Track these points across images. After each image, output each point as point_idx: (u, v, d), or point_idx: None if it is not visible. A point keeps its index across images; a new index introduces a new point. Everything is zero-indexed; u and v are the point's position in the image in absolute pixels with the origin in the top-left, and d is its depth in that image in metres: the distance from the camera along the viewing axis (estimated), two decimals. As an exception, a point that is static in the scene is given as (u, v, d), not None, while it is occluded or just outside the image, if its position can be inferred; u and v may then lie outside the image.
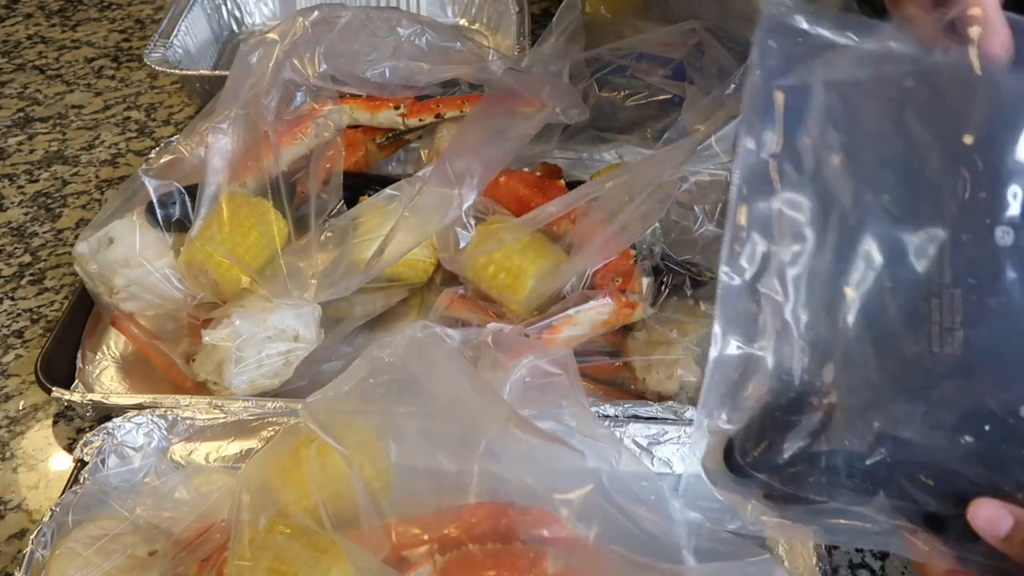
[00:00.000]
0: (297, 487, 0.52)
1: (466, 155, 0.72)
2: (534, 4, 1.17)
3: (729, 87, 0.73)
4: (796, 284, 0.43)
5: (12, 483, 0.67)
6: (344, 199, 0.75)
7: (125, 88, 1.13)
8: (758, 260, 0.43)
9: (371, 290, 0.75)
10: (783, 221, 0.43)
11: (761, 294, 0.43)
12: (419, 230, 0.71)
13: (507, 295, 0.72)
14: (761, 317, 0.43)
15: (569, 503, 0.50)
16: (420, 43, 0.85)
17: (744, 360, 0.43)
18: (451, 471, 0.51)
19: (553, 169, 0.82)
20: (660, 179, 0.68)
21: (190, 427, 0.66)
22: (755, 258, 0.43)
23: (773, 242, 0.43)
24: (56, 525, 0.57)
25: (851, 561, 0.61)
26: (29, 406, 0.73)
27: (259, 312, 0.69)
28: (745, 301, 0.43)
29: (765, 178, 0.43)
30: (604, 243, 0.68)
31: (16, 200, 0.95)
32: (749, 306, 0.43)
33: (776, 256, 0.43)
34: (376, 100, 0.84)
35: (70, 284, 0.84)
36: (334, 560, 0.48)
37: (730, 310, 0.43)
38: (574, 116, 0.82)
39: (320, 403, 0.53)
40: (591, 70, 0.92)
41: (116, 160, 1.01)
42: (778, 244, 0.43)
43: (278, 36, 0.80)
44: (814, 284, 0.43)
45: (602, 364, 0.70)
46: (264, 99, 0.77)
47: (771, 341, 0.43)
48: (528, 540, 0.49)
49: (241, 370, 0.68)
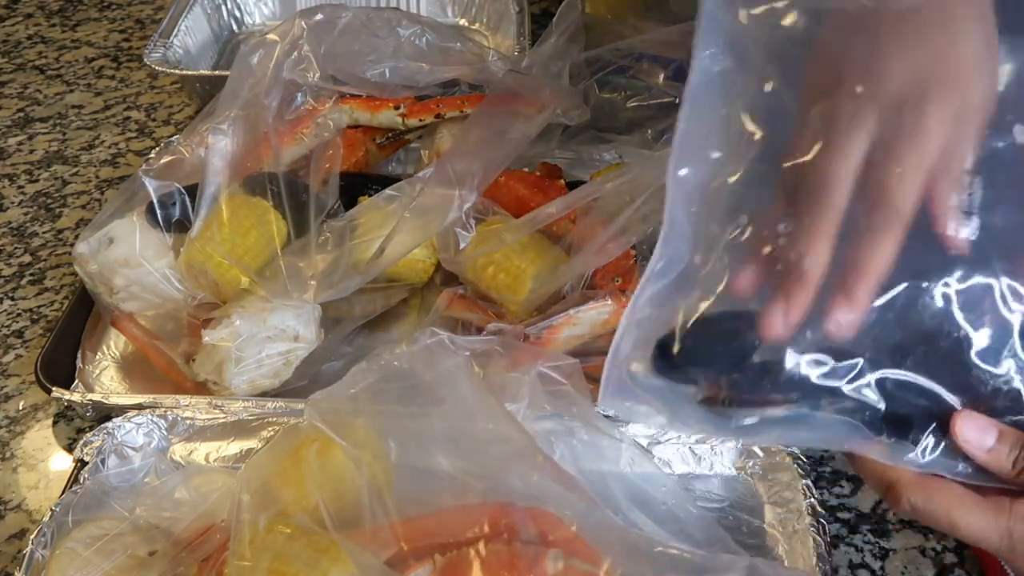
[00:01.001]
0: (297, 487, 0.52)
1: (467, 156, 0.72)
2: (534, 4, 1.17)
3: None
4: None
5: (12, 483, 0.67)
6: (344, 199, 0.75)
7: (125, 88, 1.13)
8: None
9: (371, 290, 0.75)
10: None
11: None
12: (419, 231, 0.71)
13: (507, 295, 0.72)
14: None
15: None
16: (420, 43, 0.85)
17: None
18: (451, 471, 0.51)
19: (553, 169, 0.82)
20: (661, 180, 0.67)
21: (190, 427, 0.66)
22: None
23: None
24: (56, 525, 0.57)
25: (851, 561, 0.61)
26: (29, 406, 0.73)
27: (259, 312, 0.69)
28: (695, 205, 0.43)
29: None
30: (604, 244, 0.68)
31: (16, 200, 0.95)
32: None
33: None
34: (376, 100, 0.84)
35: (70, 284, 0.84)
36: (334, 560, 0.48)
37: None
38: (575, 117, 0.82)
39: (325, 401, 0.53)
40: (591, 70, 0.92)
41: (116, 160, 1.01)
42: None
43: (278, 37, 0.80)
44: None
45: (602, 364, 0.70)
46: (264, 99, 0.77)
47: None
48: (528, 540, 0.49)
49: (241, 370, 0.68)
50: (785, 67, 0.44)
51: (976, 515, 0.42)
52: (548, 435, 0.58)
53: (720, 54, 0.43)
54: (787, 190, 0.44)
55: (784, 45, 0.44)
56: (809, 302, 0.42)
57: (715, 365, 0.44)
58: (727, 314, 0.44)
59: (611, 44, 0.92)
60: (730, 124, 0.44)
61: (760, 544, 0.60)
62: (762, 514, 0.62)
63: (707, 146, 0.44)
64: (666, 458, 0.65)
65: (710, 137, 0.44)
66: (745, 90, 0.44)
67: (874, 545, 0.62)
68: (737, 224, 0.44)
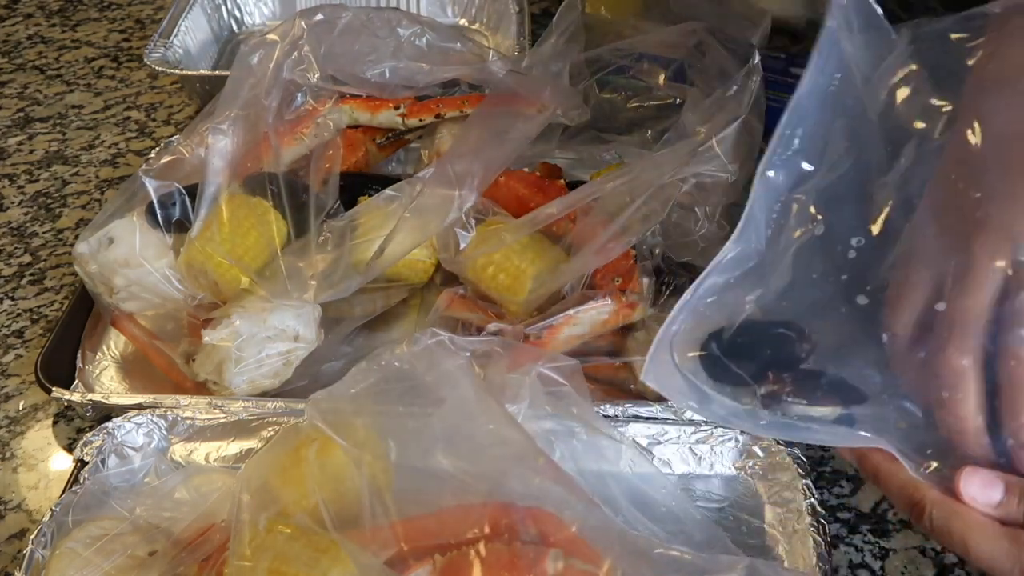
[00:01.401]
0: (297, 487, 0.52)
1: (467, 156, 0.72)
2: (534, 4, 1.17)
3: (731, 88, 0.73)
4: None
5: (12, 483, 0.67)
6: (344, 199, 0.75)
7: (125, 88, 1.13)
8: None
9: (371, 290, 0.75)
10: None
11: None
12: (419, 231, 0.71)
13: (507, 296, 0.72)
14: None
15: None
16: (420, 43, 0.85)
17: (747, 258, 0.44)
18: (452, 472, 0.51)
19: (553, 169, 0.82)
20: (661, 180, 0.68)
21: (190, 427, 0.66)
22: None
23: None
24: (56, 525, 0.57)
25: (851, 561, 0.61)
26: (29, 406, 0.73)
27: (259, 312, 0.69)
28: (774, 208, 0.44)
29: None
30: (604, 244, 0.68)
31: (16, 200, 0.95)
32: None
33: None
34: (376, 100, 0.84)
35: (70, 284, 0.84)
36: (334, 560, 0.48)
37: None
38: (575, 117, 0.82)
39: (325, 401, 0.53)
40: (591, 70, 0.92)
41: (116, 160, 1.01)
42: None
43: (278, 37, 0.80)
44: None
45: (602, 364, 0.70)
46: (264, 99, 0.77)
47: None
48: (528, 540, 0.49)
49: (241, 370, 0.68)
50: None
51: (991, 542, 0.43)
52: (548, 435, 0.58)
53: (835, 72, 0.44)
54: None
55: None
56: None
57: (761, 364, 0.45)
58: (780, 321, 0.45)
59: (611, 44, 0.92)
60: (829, 141, 0.45)
61: (760, 544, 0.60)
62: (762, 514, 0.62)
63: (801, 156, 0.45)
64: (666, 458, 0.65)
65: (806, 148, 0.45)
66: (849, 112, 0.45)
67: (874, 545, 0.62)
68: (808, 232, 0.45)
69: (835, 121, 0.45)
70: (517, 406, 0.57)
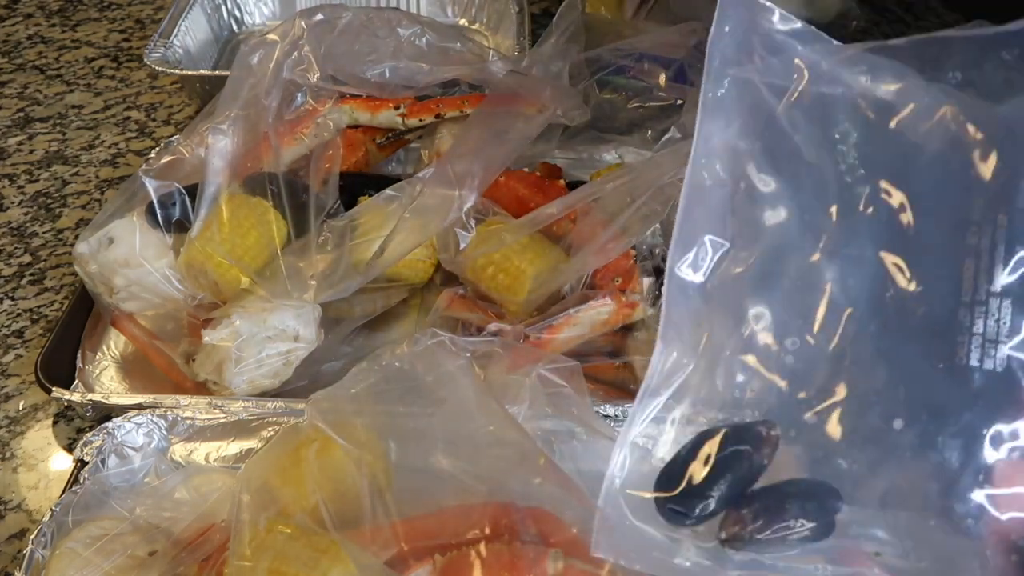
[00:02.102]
0: (297, 487, 0.52)
1: (467, 156, 0.72)
2: (534, 4, 1.17)
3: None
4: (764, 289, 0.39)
5: (12, 483, 0.67)
6: (344, 199, 0.75)
7: (125, 88, 1.13)
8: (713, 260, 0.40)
9: (371, 290, 0.75)
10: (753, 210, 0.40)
11: (714, 297, 0.39)
12: (419, 231, 0.71)
13: (506, 296, 0.72)
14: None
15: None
16: (420, 43, 0.85)
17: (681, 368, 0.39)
18: (452, 472, 0.51)
19: (553, 169, 0.82)
20: (661, 181, 0.68)
21: (190, 427, 0.66)
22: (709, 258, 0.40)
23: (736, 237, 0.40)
24: (56, 525, 0.57)
25: (851, 562, 0.61)
26: (29, 406, 0.73)
27: (259, 312, 0.69)
28: (695, 304, 0.39)
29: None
30: (604, 244, 0.68)
31: (16, 200, 0.95)
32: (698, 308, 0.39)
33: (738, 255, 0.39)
34: (376, 100, 0.84)
35: (70, 284, 0.84)
36: (334, 560, 0.48)
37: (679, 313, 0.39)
38: (576, 118, 0.82)
39: (325, 401, 0.53)
40: (591, 70, 0.92)
41: (116, 160, 1.01)
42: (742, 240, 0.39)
43: (278, 37, 0.80)
44: (790, 290, 0.40)
45: (602, 364, 0.70)
46: (264, 99, 0.77)
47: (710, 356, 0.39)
48: (528, 540, 0.49)
49: (241, 370, 0.68)
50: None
51: None
52: (548, 436, 0.58)
53: (714, 165, 0.40)
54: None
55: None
56: None
57: (719, 495, 0.40)
58: (734, 433, 0.40)
59: (611, 44, 0.92)
60: (725, 223, 0.41)
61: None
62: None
63: (705, 238, 0.41)
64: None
65: (710, 231, 0.41)
66: (733, 195, 0.41)
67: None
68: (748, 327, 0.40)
69: (726, 202, 0.40)
70: (517, 407, 0.57)
